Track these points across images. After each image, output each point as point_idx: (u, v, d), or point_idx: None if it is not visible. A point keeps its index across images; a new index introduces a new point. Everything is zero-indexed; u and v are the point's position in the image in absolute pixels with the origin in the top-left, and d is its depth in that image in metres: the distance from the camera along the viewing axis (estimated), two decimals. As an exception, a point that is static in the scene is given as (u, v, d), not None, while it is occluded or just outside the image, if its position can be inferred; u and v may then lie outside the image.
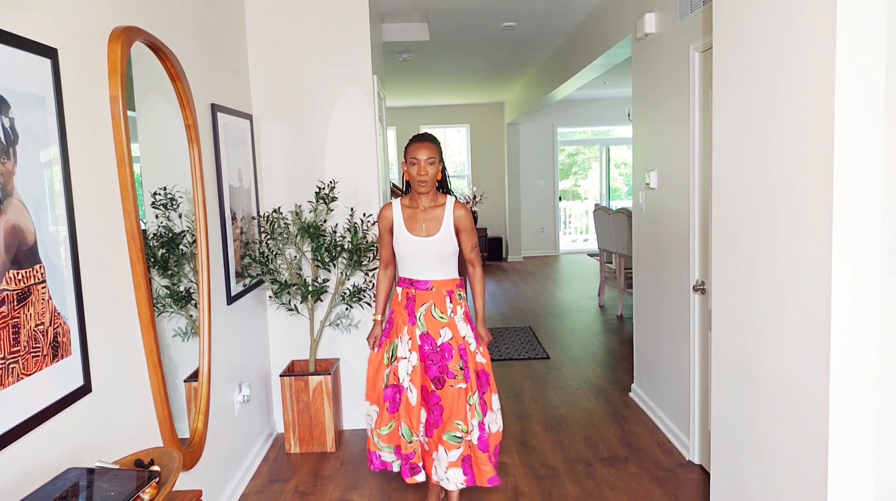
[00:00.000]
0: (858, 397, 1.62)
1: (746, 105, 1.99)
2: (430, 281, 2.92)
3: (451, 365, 2.89)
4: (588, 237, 12.90)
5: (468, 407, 2.90)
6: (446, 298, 2.92)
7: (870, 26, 1.54)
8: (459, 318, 2.94)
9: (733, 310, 2.12)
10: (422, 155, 2.82)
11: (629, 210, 6.51)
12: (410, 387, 2.92)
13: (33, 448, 1.71)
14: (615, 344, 6.00)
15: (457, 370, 2.89)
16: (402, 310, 2.97)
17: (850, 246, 1.59)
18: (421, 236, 2.90)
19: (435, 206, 2.92)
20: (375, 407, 3.06)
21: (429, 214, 2.91)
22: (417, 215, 2.92)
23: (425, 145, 2.84)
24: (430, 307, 2.91)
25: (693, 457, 3.52)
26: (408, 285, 2.95)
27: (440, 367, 2.90)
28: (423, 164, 2.82)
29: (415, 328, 2.93)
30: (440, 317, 2.91)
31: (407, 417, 2.94)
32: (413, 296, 2.93)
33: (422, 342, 2.91)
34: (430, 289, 2.92)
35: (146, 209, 2.50)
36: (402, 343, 2.95)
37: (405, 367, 2.93)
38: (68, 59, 1.93)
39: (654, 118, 3.99)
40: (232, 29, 3.65)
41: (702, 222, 3.34)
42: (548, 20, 5.81)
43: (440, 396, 2.90)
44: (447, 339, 2.90)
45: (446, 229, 2.89)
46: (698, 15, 3.25)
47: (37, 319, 1.71)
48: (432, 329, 2.91)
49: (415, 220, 2.92)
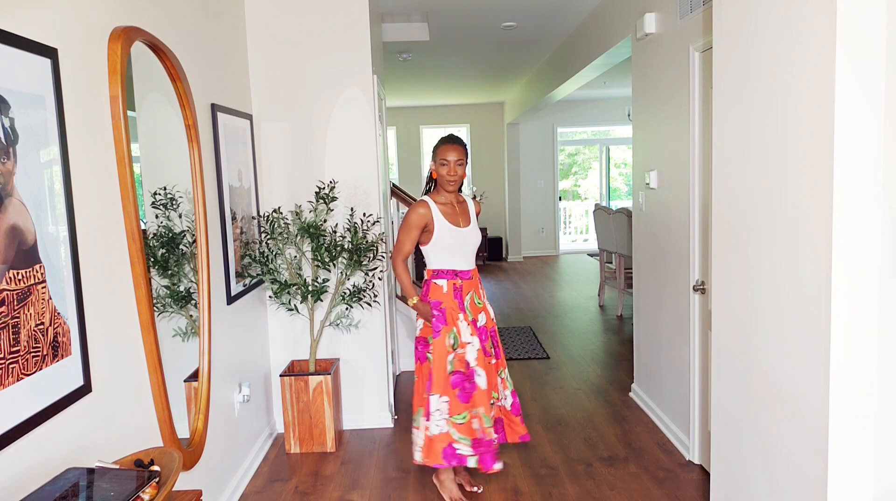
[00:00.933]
0: (858, 396, 1.62)
1: (746, 105, 1.99)
2: (470, 271, 3.17)
3: (486, 345, 3.15)
4: (588, 237, 12.90)
5: (500, 381, 3.23)
6: (479, 284, 3.24)
7: (870, 26, 1.54)
8: (487, 300, 3.27)
9: (733, 310, 2.12)
10: (452, 156, 3.07)
11: (629, 210, 6.51)
12: (478, 371, 3.07)
13: (33, 448, 1.71)
14: (615, 344, 5.99)
15: (490, 349, 3.18)
16: (452, 300, 3.11)
17: (850, 246, 1.59)
18: (461, 228, 3.14)
19: (462, 202, 3.22)
20: (446, 397, 3.06)
21: (459, 208, 3.19)
22: (452, 210, 3.15)
23: (456, 148, 3.09)
24: (472, 295, 3.17)
25: (693, 457, 3.52)
26: (452, 276, 3.12)
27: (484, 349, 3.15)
28: (453, 165, 3.07)
29: (467, 315, 3.12)
30: (478, 303, 3.19)
31: (484, 401, 3.07)
32: (460, 286, 3.12)
33: (472, 327, 3.12)
34: (471, 278, 3.17)
35: (146, 209, 2.49)
36: (464, 329, 3.09)
37: (472, 352, 3.08)
38: (68, 60, 1.93)
39: (654, 118, 3.99)
40: (232, 29, 3.65)
41: (702, 222, 3.34)
42: (548, 20, 5.81)
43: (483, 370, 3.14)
44: (483, 323, 3.18)
45: (474, 221, 3.22)
46: (698, 15, 3.25)
47: (37, 319, 1.71)
48: (475, 315, 3.16)
49: (453, 214, 3.15)
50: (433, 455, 3.05)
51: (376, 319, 4.15)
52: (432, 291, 3.13)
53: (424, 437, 3.08)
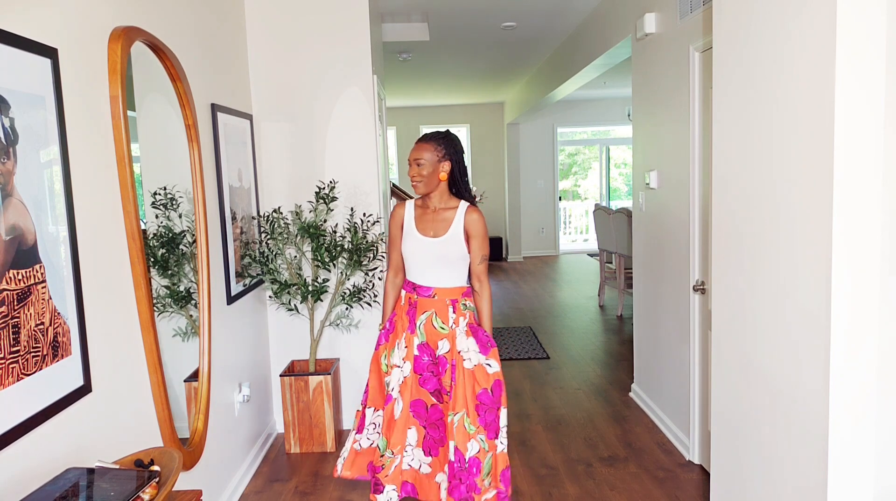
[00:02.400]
0: (858, 397, 1.62)
1: (746, 105, 1.99)
2: (433, 288, 2.75)
3: (444, 379, 2.73)
4: (588, 237, 12.89)
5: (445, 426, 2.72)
6: (449, 307, 2.74)
7: (870, 26, 1.54)
8: (461, 329, 2.73)
9: (733, 310, 2.12)
10: (412, 156, 2.74)
11: (629, 210, 6.51)
12: (398, 399, 2.73)
13: (33, 448, 1.71)
14: (615, 344, 5.99)
15: (447, 386, 2.72)
16: (404, 315, 2.81)
17: (850, 246, 1.58)
18: (427, 237, 2.76)
19: (446, 208, 2.78)
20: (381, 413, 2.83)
21: (438, 215, 2.78)
22: (427, 215, 2.80)
23: (418, 146, 2.75)
24: (430, 316, 2.74)
25: (693, 457, 3.52)
26: (411, 289, 2.80)
27: (438, 380, 2.74)
28: (413, 165, 2.73)
29: (413, 336, 2.75)
30: (440, 328, 2.73)
31: (386, 429, 2.73)
32: (415, 302, 2.77)
33: (420, 353, 2.74)
34: (433, 296, 2.74)
35: (146, 209, 2.49)
36: (399, 350, 2.77)
37: (397, 376, 2.75)
38: (68, 60, 1.93)
39: (654, 118, 3.99)
40: (232, 29, 3.65)
41: (702, 222, 3.34)
42: (548, 20, 5.81)
43: (442, 410, 2.73)
44: (444, 351, 2.73)
45: (454, 231, 2.74)
46: (698, 15, 3.25)
47: (37, 319, 1.71)
48: (431, 340, 2.74)
49: (424, 220, 2.79)
50: (356, 468, 2.84)
51: (376, 319, 4.15)
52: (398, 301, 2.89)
53: (350, 449, 2.85)
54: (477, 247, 2.76)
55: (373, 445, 2.83)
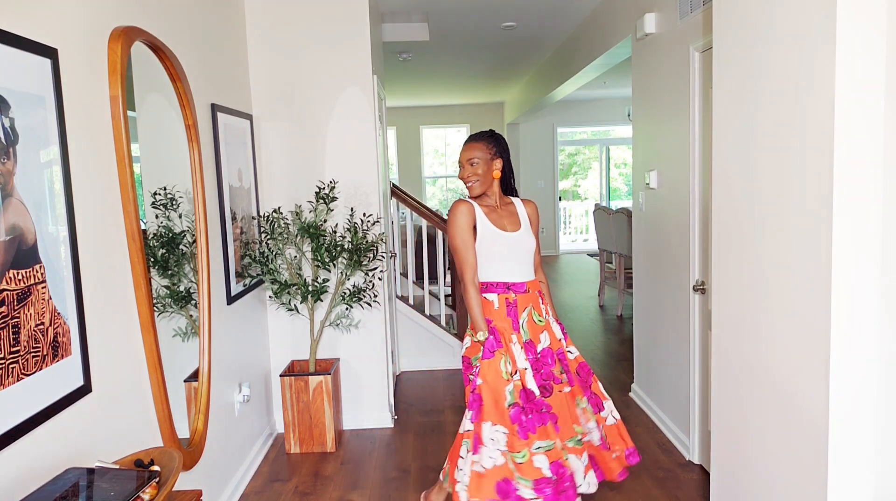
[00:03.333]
0: (858, 396, 1.62)
1: (746, 105, 1.99)
2: (525, 283, 2.69)
3: (554, 371, 2.66)
4: (588, 237, 12.89)
5: (580, 411, 2.68)
6: (539, 298, 2.73)
7: (870, 26, 1.54)
8: (552, 318, 2.76)
9: (733, 310, 2.12)
10: (464, 156, 2.71)
11: (629, 210, 6.51)
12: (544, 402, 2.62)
13: (33, 448, 1.71)
14: (615, 344, 5.99)
15: (560, 375, 2.66)
16: (505, 318, 2.66)
17: (850, 245, 1.59)
18: (508, 232, 2.69)
19: (506, 204, 2.78)
20: (503, 429, 2.52)
21: (504, 211, 2.74)
22: (496, 212, 2.72)
23: (469, 146, 2.72)
24: (529, 312, 2.68)
25: (693, 457, 3.52)
26: (504, 289, 2.67)
27: (544, 374, 2.64)
28: (465, 165, 2.71)
29: (520, 336, 2.65)
30: (539, 321, 2.69)
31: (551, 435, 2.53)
32: (513, 301, 2.66)
33: (526, 352, 2.64)
34: (527, 291, 2.69)
35: (146, 209, 2.49)
36: (517, 352, 2.62)
37: (531, 381, 2.58)
38: (68, 59, 1.93)
39: (654, 118, 3.99)
40: (232, 29, 3.65)
41: (702, 222, 3.34)
42: (548, 20, 5.81)
43: (549, 403, 2.59)
44: (546, 345, 2.68)
45: (526, 223, 2.75)
46: (698, 15, 3.25)
47: (37, 319, 1.71)
48: (533, 335, 2.67)
49: (496, 216, 2.71)
50: (485, 491, 2.47)
51: (376, 319, 4.15)
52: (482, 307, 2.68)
53: (471, 472, 2.49)
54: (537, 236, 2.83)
55: (498, 463, 2.51)
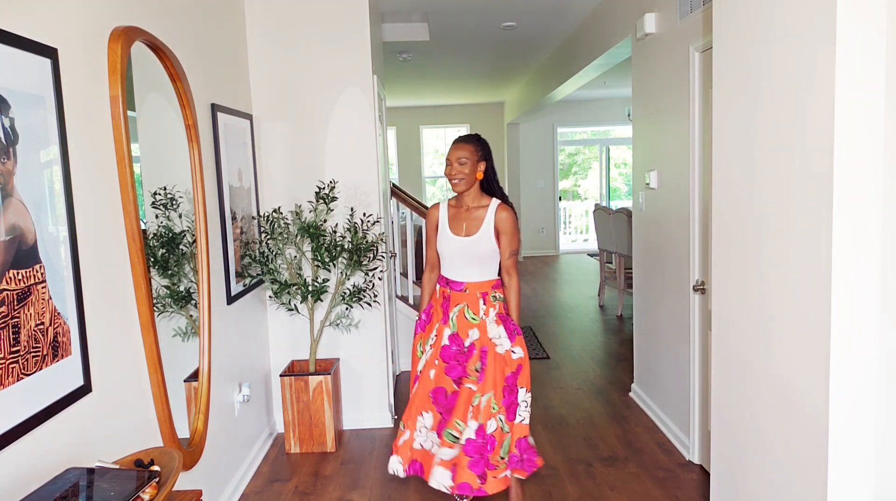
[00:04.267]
0: (859, 396, 1.62)
1: (746, 105, 1.99)
2: (464, 283, 2.91)
3: (468, 364, 2.86)
4: (588, 237, 12.89)
5: (470, 408, 2.83)
6: (479, 300, 2.90)
7: (870, 26, 1.54)
8: (491, 319, 2.89)
9: (733, 310, 2.12)
10: (454, 155, 2.91)
11: (629, 210, 6.51)
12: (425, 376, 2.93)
13: (33, 448, 1.71)
14: (615, 344, 6.00)
15: (472, 371, 2.85)
16: (439, 308, 2.99)
17: (850, 245, 1.58)
18: (460, 236, 2.92)
19: (478, 207, 2.94)
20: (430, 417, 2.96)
21: (471, 214, 2.94)
22: (460, 215, 2.96)
23: (459, 146, 2.93)
24: (462, 309, 2.90)
25: (693, 457, 3.52)
26: (444, 284, 2.98)
27: (463, 368, 2.87)
28: (454, 164, 2.89)
29: (445, 327, 2.92)
30: (472, 318, 2.89)
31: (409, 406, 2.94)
32: (448, 296, 2.94)
33: (449, 343, 2.90)
34: (464, 291, 2.91)
35: (146, 209, 2.49)
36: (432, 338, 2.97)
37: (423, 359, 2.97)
38: (68, 59, 1.93)
39: (654, 118, 3.99)
40: (232, 29, 3.65)
41: (702, 222, 3.34)
42: (548, 20, 5.81)
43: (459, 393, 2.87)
44: (474, 339, 2.88)
45: (486, 230, 2.90)
46: (698, 15, 3.25)
47: (37, 319, 1.71)
48: (462, 330, 2.89)
49: (457, 219, 2.96)
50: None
51: (376, 319, 4.15)
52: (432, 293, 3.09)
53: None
54: (506, 243, 2.91)
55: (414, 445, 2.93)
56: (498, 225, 2.89)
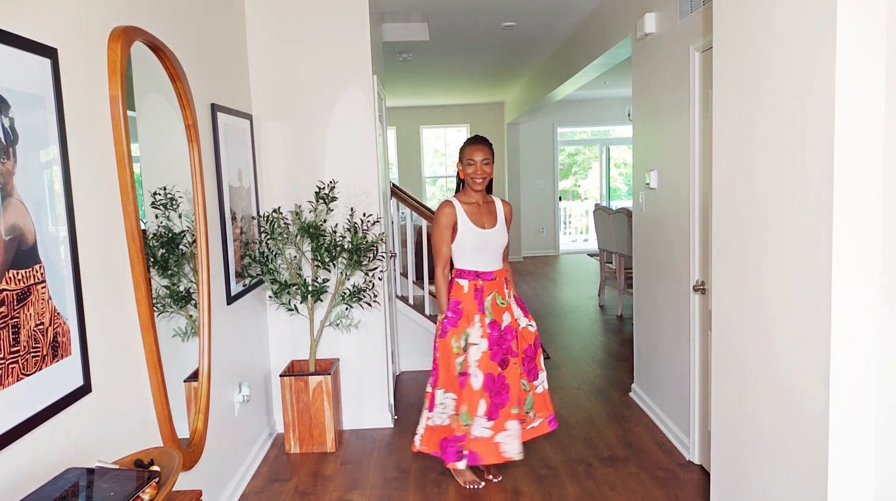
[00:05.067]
0: (859, 396, 1.62)
1: (746, 105, 1.99)
2: (493, 272, 3.22)
3: (512, 345, 3.20)
4: (588, 237, 12.90)
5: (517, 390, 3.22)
6: (504, 284, 3.27)
7: (870, 26, 1.54)
8: (512, 300, 3.29)
9: (733, 310, 2.12)
10: (479, 156, 3.21)
11: (629, 210, 6.51)
12: (476, 373, 3.14)
13: (33, 448, 1.71)
14: (615, 344, 5.99)
15: (515, 349, 3.20)
16: (472, 301, 3.18)
17: (850, 245, 1.58)
18: (486, 229, 3.22)
19: (488, 202, 3.31)
20: (453, 395, 3.20)
21: (485, 209, 3.27)
22: (478, 211, 3.24)
23: (482, 148, 3.23)
24: (494, 296, 3.20)
25: (693, 457, 3.52)
26: (474, 277, 3.19)
27: (505, 349, 3.17)
28: (479, 164, 3.21)
29: (484, 316, 3.16)
30: (501, 303, 3.22)
31: (468, 401, 3.14)
32: (481, 287, 3.18)
33: (491, 330, 3.16)
34: (495, 279, 3.22)
35: (146, 209, 2.49)
36: (475, 330, 3.15)
37: (475, 353, 3.14)
38: (68, 60, 1.93)
39: (654, 118, 3.99)
40: (232, 29, 3.65)
41: (702, 222, 3.34)
42: (548, 20, 5.81)
43: (505, 375, 3.17)
44: (508, 323, 3.21)
45: (501, 222, 3.28)
46: (698, 15, 3.25)
47: (36, 319, 1.71)
48: (497, 315, 3.19)
49: (477, 214, 3.24)
50: (432, 444, 3.27)
51: (376, 319, 4.15)
52: (454, 290, 3.23)
53: (426, 426, 3.27)
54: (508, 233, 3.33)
55: (444, 423, 3.23)
56: (507, 216, 3.33)
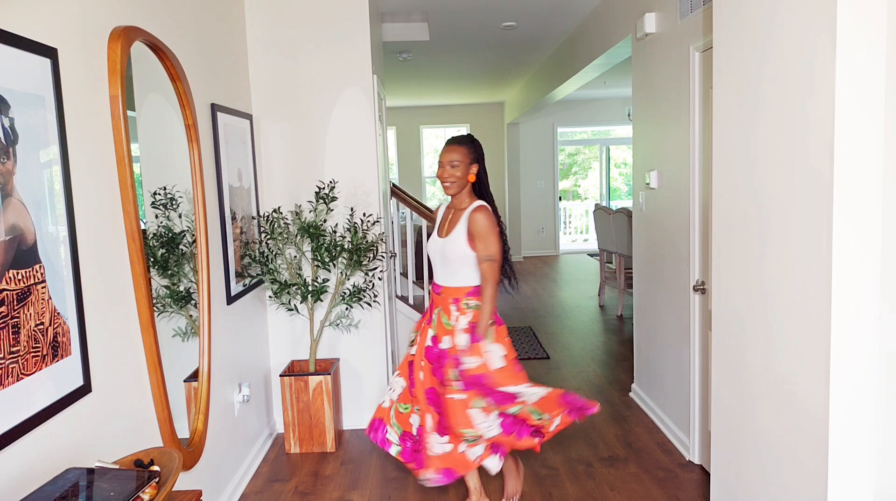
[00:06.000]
0: (859, 396, 1.62)
1: (746, 105, 1.99)
2: (441, 286, 2.87)
3: (446, 371, 2.77)
4: (588, 237, 12.90)
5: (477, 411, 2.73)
6: (452, 305, 2.82)
7: (870, 26, 1.54)
8: (460, 328, 2.78)
9: (733, 310, 2.12)
10: (445, 158, 2.86)
11: (629, 210, 6.51)
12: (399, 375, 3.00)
13: (33, 448, 1.71)
14: (615, 344, 5.99)
15: (452, 379, 2.74)
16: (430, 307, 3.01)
17: (851, 245, 1.59)
18: (439, 237, 2.91)
19: (463, 209, 2.87)
20: (402, 381, 2.96)
21: (457, 215, 2.89)
22: (449, 216, 2.94)
23: (450, 148, 2.87)
24: (439, 312, 2.87)
25: (693, 457, 3.52)
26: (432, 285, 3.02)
27: (443, 373, 2.79)
28: (445, 167, 2.84)
29: (429, 327, 2.91)
30: (445, 323, 2.83)
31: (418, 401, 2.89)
32: (433, 298, 2.96)
33: (432, 344, 2.86)
34: (440, 294, 2.87)
35: (146, 209, 2.49)
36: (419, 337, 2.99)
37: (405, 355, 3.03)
38: (68, 60, 1.93)
39: (654, 118, 3.99)
40: (232, 29, 3.65)
41: (702, 222, 3.34)
42: (548, 20, 5.81)
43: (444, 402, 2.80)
44: (447, 346, 2.80)
45: (458, 231, 2.81)
46: (698, 15, 3.25)
47: (36, 319, 1.71)
48: (439, 333, 2.85)
49: (444, 220, 2.96)
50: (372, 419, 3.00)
51: (376, 319, 4.15)
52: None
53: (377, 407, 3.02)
54: (480, 247, 2.77)
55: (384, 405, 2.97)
56: (470, 227, 2.77)
